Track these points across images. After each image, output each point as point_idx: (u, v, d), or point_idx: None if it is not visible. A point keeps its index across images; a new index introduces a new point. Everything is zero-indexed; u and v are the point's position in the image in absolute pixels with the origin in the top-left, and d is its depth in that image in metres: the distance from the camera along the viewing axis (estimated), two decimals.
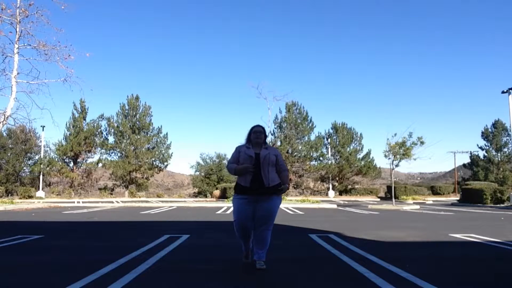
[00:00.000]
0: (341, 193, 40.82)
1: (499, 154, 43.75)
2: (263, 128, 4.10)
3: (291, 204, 19.06)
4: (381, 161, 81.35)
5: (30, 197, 31.64)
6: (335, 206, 19.48)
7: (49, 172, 35.84)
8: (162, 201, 26.26)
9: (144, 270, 3.85)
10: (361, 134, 43.01)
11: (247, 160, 3.89)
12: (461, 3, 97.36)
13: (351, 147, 42.37)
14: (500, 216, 12.40)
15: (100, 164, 38.29)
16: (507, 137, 43.08)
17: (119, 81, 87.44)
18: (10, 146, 36.36)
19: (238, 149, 4.03)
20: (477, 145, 45.40)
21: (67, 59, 17.77)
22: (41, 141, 36.60)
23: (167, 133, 39.85)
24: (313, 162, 39.99)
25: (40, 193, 32.78)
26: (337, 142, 42.27)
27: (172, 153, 39.53)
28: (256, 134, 4.02)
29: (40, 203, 22.20)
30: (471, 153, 46.45)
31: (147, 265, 4.11)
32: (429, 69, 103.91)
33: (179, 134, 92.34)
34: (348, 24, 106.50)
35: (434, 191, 43.74)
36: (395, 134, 18.77)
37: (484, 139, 44.61)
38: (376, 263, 4.25)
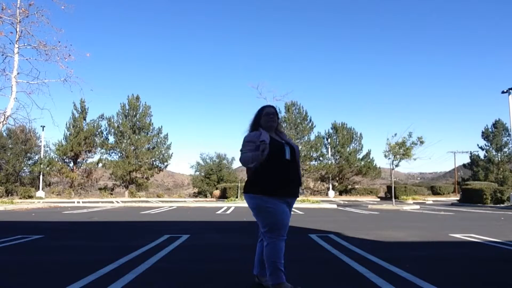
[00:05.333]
0: (341, 193, 40.81)
1: (499, 154, 43.72)
2: (275, 109, 3.25)
3: None
4: (381, 161, 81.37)
5: (30, 197, 31.63)
6: (335, 206, 19.47)
7: (49, 172, 35.84)
8: (162, 201, 26.26)
9: (144, 270, 3.84)
10: (361, 134, 43.11)
11: (279, 151, 2.98)
12: (461, 3, 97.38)
13: (351, 147, 42.40)
14: (500, 216, 12.40)
15: (100, 164, 38.31)
16: (508, 137, 43.08)
17: (119, 81, 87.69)
18: (10, 146, 36.35)
19: (256, 136, 2.99)
20: (477, 145, 45.47)
21: (67, 59, 17.80)
22: (41, 141, 36.61)
23: (167, 134, 39.98)
24: (313, 162, 39.99)
25: (40, 193, 32.76)
26: (337, 142, 42.28)
27: (172, 153, 39.61)
28: (270, 117, 3.11)
29: (40, 203, 22.18)
30: (471, 153, 46.49)
31: (147, 265, 4.10)
32: (429, 69, 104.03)
33: (179, 134, 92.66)
34: (348, 24, 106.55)
35: (434, 191, 43.75)
36: (395, 134, 18.77)
37: (484, 139, 44.61)
38: (376, 263, 4.24)
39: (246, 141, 3.02)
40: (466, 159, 51.45)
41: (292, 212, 3.24)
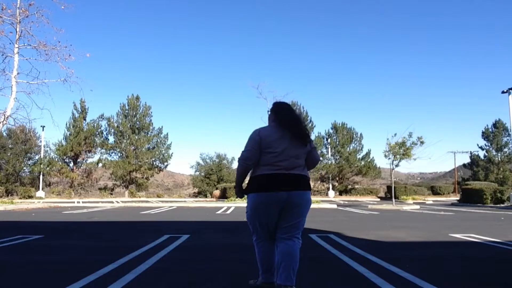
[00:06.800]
0: (341, 193, 40.80)
1: (499, 154, 43.72)
2: None
3: None
4: (381, 161, 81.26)
5: (30, 197, 31.62)
6: (335, 206, 19.47)
7: (49, 172, 35.82)
8: (162, 201, 26.25)
9: (144, 270, 3.84)
10: (361, 134, 43.06)
11: None
12: (461, 3, 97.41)
13: (351, 147, 42.36)
14: (500, 216, 12.40)
15: (100, 164, 38.28)
16: (508, 137, 43.08)
17: (119, 81, 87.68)
18: (10, 146, 36.34)
19: None
20: (477, 145, 45.43)
21: (67, 59, 17.77)
22: (41, 141, 36.59)
23: (167, 134, 39.89)
24: None
25: (40, 193, 32.74)
26: (337, 142, 42.26)
27: (172, 153, 39.59)
28: None
29: (40, 203, 22.19)
30: (471, 153, 46.48)
31: (147, 265, 4.10)
32: (429, 69, 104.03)
33: (179, 134, 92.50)
34: (348, 24, 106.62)
35: (434, 191, 43.73)
36: (395, 134, 18.75)
37: (484, 139, 44.60)
38: (376, 263, 4.24)
39: None
40: (466, 159, 51.47)
41: None
